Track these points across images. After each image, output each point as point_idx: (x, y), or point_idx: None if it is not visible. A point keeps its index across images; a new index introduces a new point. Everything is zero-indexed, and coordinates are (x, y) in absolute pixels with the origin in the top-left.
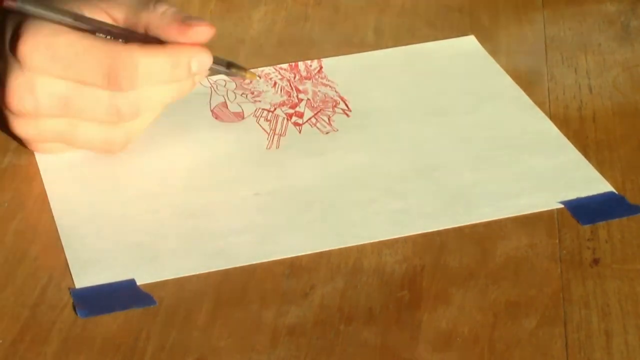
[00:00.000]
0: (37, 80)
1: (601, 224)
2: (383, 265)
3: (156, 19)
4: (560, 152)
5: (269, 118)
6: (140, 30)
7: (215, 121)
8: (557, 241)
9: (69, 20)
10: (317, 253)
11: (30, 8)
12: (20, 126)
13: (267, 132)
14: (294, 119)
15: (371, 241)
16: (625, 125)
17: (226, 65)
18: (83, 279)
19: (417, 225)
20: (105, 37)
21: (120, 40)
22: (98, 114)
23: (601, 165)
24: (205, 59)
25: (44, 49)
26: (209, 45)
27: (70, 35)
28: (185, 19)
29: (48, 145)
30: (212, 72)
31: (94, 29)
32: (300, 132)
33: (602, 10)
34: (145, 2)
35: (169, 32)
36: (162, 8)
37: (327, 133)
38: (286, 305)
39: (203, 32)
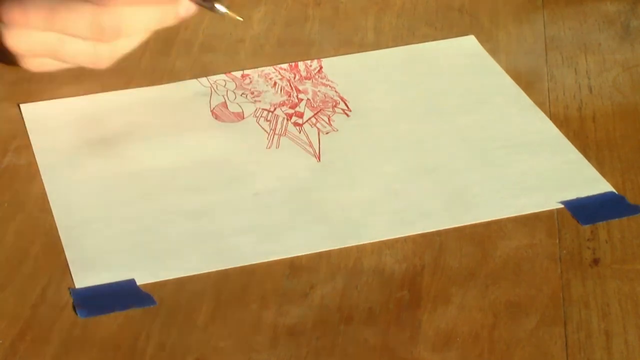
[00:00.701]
0: None
1: (601, 224)
2: (383, 265)
3: None
4: (560, 152)
5: (269, 118)
6: None
7: (215, 121)
8: (557, 241)
9: None
10: (317, 253)
11: None
12: (12, 38)
13: (267, 132)
14: (294, 119)
15: (371, 241)
16: (625, 125)
17: (212, 3)
18: (83, 279)
19: (417, 225)
20: None
21: None
22: (81, 29)
23: (601, 165)
24: (187, 3)
25: None
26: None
27: None
28: None
29: (39, 60)
30: (203, 4)
31: None
32: (300, 132)
33: (602, 10)
34: None
35: None
36: None
37: (327, 133)
38: (286, 305)
39: None
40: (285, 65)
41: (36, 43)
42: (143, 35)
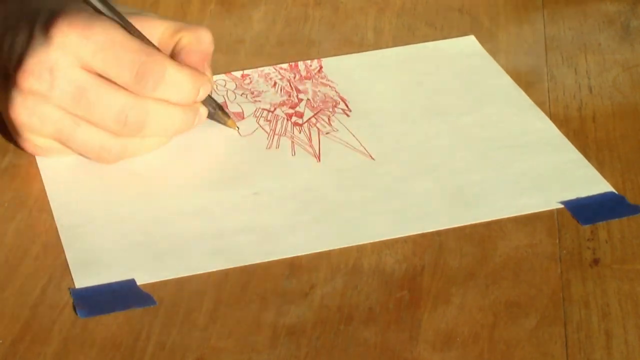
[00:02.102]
0: (61, 62)
1: (601, 224)
2: (383, 265)
3: (193, 42)
4: (560, 152)
5: (269, 118)
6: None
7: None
8: (557, 241)
9: (116, 19)
10: (317, 253)
11: None
12: (25, 109)
13: (267, 132)
14: (294, 119)
15: (371, 241)
16: (625, 125)
17: (215, 106)
18: (83, 279)
19: (417, 225)
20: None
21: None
22: (106, 117)
23: (601, 165)
24: (208, 89)
25: (81, 28)
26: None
27: (109, 24)
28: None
29: (42, 141)
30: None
31: (130, 32)
32: (300, 132)
33: (602, 10)
34: (186, 25)
35: (192, 57)
36: (204, 32)
37: (327, 133)
38: (286, 305)
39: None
40: (285, 65)
41: (50, 121)
42: (158, 140)
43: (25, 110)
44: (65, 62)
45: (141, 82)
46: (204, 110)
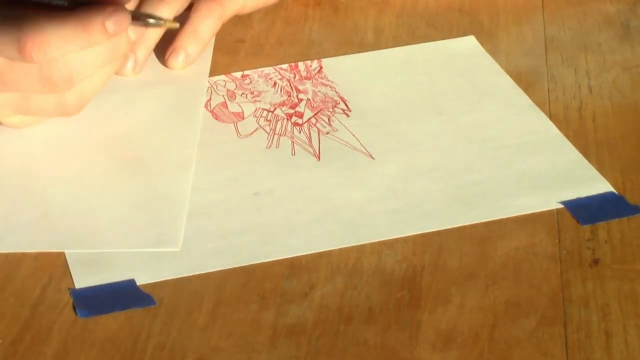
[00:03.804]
0: None
1: (601, 224)
2: (383, 265)
3: None
4: (560, 152)
5: (269, 118)
6: None
7: (215, 121)
8: (557, 241)
9: None
10: (317, 253)
11: None
12: None
13: (267, 132)
14: (294, 119)
15: (371, 241)
16: (625, 125)
17: (145, 18)
18: (83, 279)
19: (417, 225)
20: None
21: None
22: (33, 86)
23: (601, 165)
24: (121, 18)
25: None
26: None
27: None
28: None
29: (10, 119)
30: (137, 24)
31: None
32: (300, 132)
33: (602, 10)
34: None
35: None
36: None
37: (327, 133)
38: (286, 305)
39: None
40: (285, 66)
41: (3, 105)
42: (103, 74)
43: None
44: None
45: (27, 56)
46: (131, 33)
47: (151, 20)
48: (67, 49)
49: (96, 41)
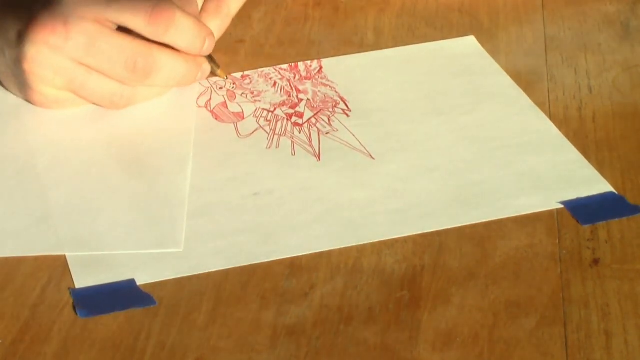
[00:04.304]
0: (74, 15)
1: (601, 224)
2: (383, 265)
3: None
4: (560, 152)
5: (269, 118)
6: None
7: (215, 121)
8: (557, 241)
9: None
10: (317, 253)
11: None
12: (40, 60)
13: (267, 132)
14: (294, 119)
15: (371, 241)
16: (625, 125)
17: (210, 59)
18: (83, 279)
19: (417, 225)
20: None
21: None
22: (117, 64)
23: (601, 165)
24: (213, 42)
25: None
26: None
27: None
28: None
29: (52, 92)
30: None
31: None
32: (300, 132)
33: (602, 10)
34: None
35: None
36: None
37: (327, 133)
38: (286, 305)
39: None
40: (285, 66)
41: (63, 71)
42: (161, 90)
43: (39, 62)
44: (78, 15)
45: (153, 25)
46: (207, 67)
47: (213, 66)
48: (179, 41)
49: (193, 48)
